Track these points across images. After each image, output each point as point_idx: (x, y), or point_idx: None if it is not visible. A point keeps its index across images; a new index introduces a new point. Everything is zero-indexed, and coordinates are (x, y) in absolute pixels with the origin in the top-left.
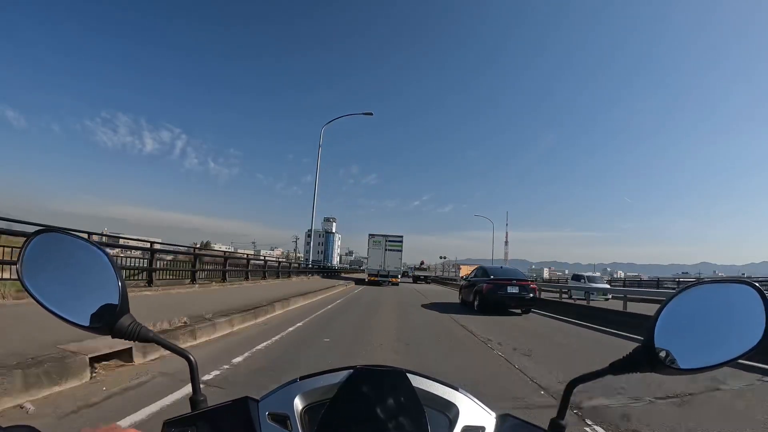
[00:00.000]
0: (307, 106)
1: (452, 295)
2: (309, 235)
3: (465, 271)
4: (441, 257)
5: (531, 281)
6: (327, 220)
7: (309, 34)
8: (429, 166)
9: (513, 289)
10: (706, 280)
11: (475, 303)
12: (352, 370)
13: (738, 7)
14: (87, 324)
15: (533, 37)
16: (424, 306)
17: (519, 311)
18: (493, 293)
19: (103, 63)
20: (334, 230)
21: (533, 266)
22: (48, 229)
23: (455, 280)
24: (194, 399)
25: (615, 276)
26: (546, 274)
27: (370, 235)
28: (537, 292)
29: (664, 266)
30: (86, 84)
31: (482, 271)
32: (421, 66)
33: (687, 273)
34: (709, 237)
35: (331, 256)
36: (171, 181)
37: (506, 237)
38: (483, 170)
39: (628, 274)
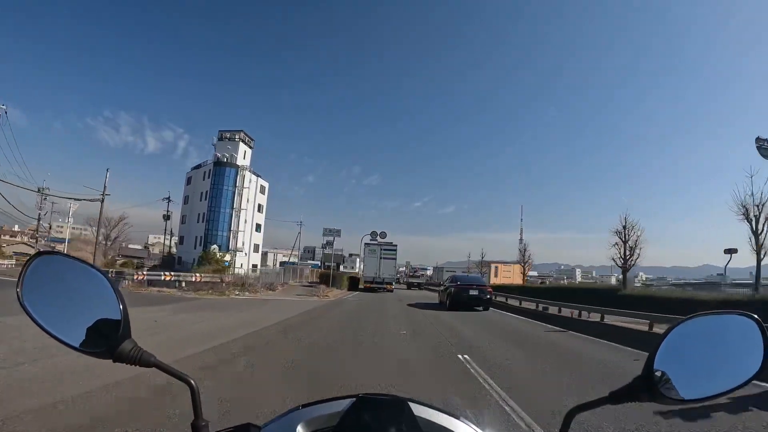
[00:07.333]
0: (310, 104)
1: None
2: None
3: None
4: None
5: (488, 286)
6: (227, 138)
7: (312, 34)
8: (430, 166)
9: (474, 292)
10: (706, 312)
11: (447, 302)
12: (354, 399)
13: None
14: (89, 349)
15: (533, 37)
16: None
17: (481, 308)
18: (458, 295)
19: (104, 61)
20: (238, 159)
21: (562, 266)
22: (48, 252)
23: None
24: (196, 424)
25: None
26: (579, 276)
27: (365, 244)
28: (492, 295)
29: (666, 268)
30: (89, 81)
31: (453, 278)
32: (424, 65)
33: (722, 274)
34: (711, 239)
35: (221, 225)
36: (173, 178)
37: (521, 234)
38: (485, 171)
39: (648, 276)
